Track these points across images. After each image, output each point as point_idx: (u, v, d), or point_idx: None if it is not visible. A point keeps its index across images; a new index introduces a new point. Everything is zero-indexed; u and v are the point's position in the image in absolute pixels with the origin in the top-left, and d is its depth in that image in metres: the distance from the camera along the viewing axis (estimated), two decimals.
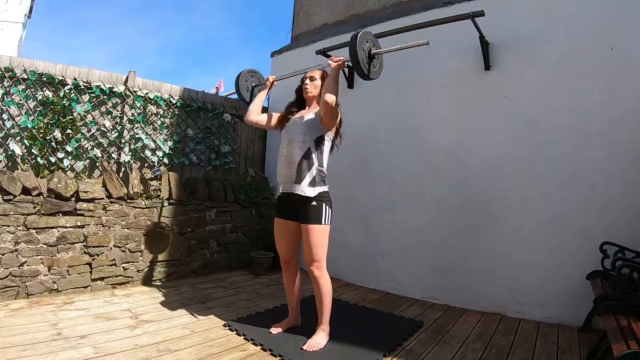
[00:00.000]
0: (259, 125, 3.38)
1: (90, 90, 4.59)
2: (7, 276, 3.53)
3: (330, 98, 2.75)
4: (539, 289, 3.73)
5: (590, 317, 3.33)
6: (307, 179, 2.88)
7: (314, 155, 2.90)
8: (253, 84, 3.79)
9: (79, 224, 3.96)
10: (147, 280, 4.47)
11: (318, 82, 3.09)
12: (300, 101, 3.24)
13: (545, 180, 3.78)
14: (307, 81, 3.12)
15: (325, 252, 2.93)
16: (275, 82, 3.53)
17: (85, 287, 3.98)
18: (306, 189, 2.86)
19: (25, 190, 3.68)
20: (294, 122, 3.06)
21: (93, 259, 4.03)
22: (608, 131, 3.51)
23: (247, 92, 3.84)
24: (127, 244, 4.30)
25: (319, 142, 2.93)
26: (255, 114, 3.31)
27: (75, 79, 4.47)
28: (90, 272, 4.02)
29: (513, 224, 3.91)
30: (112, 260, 4.16)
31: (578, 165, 3.63)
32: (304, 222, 2.89)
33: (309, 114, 3.04)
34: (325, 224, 2.91)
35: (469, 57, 4.27)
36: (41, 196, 3.76)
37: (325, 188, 2.95)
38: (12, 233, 3.57)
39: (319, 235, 2.88)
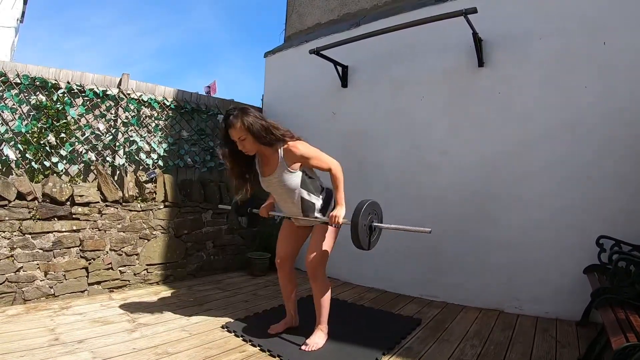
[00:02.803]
0: None
1: (83, 94, 4.56)
2: (4, 282, 3.50)
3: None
4: (536, 284, 3.74)
5: (588, 311, 3.34)
6: (317, 213, 2.89)
7: (309, 196, 2.86)
8: (249, 209, 3.39)
9: (74, 228, 3.94)
10: (144, 284, 4.46)
11: (249, 137, 2.65)
12: (242, 159, 2.85)
13: (540, 176, 3.79)
14: (240, 147, 2.71)
15: (329, 253, 2.94)
16: (270, 215, 3.26)
17: (82, 292, 3.96)
18: (318, 217, 2.90)
19: (20, 196, 3.65)
20: (267, 182, 2.87)
21: (89, 263, 4.02)
22: (602, 126, 3.52)
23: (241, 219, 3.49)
24: (123, 247, 4.28)
25: (304, 180, 2.82)
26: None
27: (68, 82, 4.44)
28: (87, 277, 4.00)
29: (509, 220, 3.93)
30: (108, 264, 4.15)
31: (573, 160, 3.64)
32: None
33: (276, 169, 2.77)
34: (337, 226, 2.93)
35: (462, 54, 4.27)
36: (36, 201, 3.74)
37: (332, 203, 2.93)
38: (8, 239, 3.55)
39: (329, 234, 2.91)
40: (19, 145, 4.09)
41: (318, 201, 2.89)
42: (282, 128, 2.76)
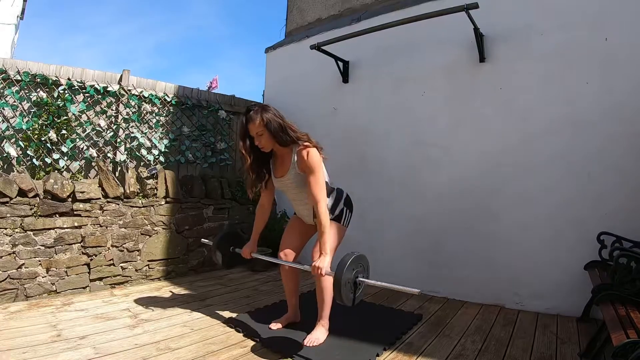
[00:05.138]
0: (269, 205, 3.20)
1: (84, 90, 4.56)
2: (6, 279, 3.52)
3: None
4: (537, 280, 3.74)
5: (588, 307, 3.35)
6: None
7: None
8: (231, 248, 3.27)
9: (76, 224, 3.94)
10: (146, 279, 4.47)
11: (266, 133, 2.69)
12: (260, 156, 2.87)
13: (541, 172, 3.79)
14: (257, 142, 2.75)
15: (335, 250, 2.93)
16: (252, 257, 3.15)
17: (84, 288, 3.98)
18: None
19: (22, 192, 3.66)
20: (281, 182, 2.91)
21: (91, 260, 4.03)
22: (603, 122, 3.51)
23: (221, 258, 3.29)
24: (125, 243, 4.29)
25: None
26: (262, 215, 3.19)
27: (69, 79, 4.43)
28: (89, 273, 4.02)
29: (510, 216, 3.93)
30: (110, 260, 4.16)
31: (574, 156, 3.64)
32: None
33: (289, 169, 2.81)
34: (343, 224, 2.95)
35: (463, 49, 4.26)
36: (37, 198, 3.74)
37: (341, 204, 2.95)
38: (10, 235, 3.56)
39: (335, 231, 2.89)
40: (20, 142, 4.09)
41: (328, 202, 2.89)
42: (300, 131, 2.79)
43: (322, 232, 2.67)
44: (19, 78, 4.11)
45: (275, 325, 3.15)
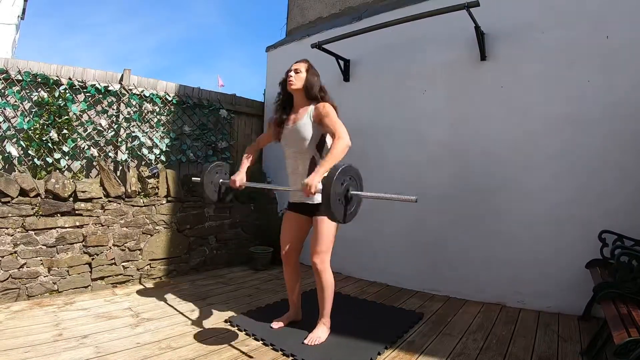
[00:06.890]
0: (262, 146, 3.43)
1: (85, 90, 4.57)
2: (7, 278, 3.52)
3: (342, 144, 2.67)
4: (538, 278, 3.73)
5: (590, 306, 3.34)
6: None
7: (319, 162, 2.86)
8: (220, 180, 3.17)
9: (77, 224, 3.95)
10: (147, 279, 4.48)
11: (303, 74, 2.95)
12: (287, 98, 3.05)
13: (543, 170, 3.78)
14: (292, 74, 2.95)
15: (331, 245, 2.94)
16: (242, 186, 3.06)
17: (85, 287, 3.98)
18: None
19: (23, 192, 3.66)
20: (289, 131, 2.94)
21: (93, 259, 4.03)
22: (604, 120, 3.50)
23: (214, 192, 3.17)
24: (126, 242, 4.30)
25: (321, 144, 2.90)
26: (253, 150, 3.32)
27: (70, 78, 4.44)
28: (90, 272, 4.02)
29: (512, 214, 3.92)
30: (111, 259, 4.17)
31: (575, 154, 3.63)
32: (318, 214, 2.92)
33: (301, 118, 2.90)
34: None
35: (464, 48, 4.25)
36: (39, 197, 3.75)
37: None
38: (11, 235, 3.57)
39: (329, 226, 2.89)
40: (22, 142, 4.10)
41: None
42: (330, 98, 3.00)
43: (330, 153, 2.60)
44: (20, 78, 4.12)
45: (276, 324, 3.15)
